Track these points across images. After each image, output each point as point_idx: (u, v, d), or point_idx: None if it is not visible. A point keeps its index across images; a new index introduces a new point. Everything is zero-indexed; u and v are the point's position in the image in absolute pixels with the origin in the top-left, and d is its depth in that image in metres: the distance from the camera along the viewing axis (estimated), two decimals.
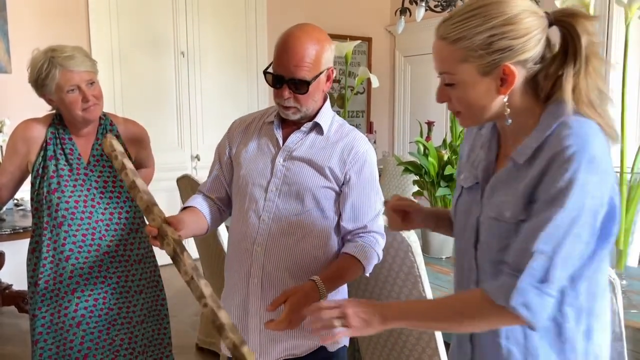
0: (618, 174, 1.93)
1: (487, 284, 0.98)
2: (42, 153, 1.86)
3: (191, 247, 4.91)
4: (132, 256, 1.97)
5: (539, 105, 1.00)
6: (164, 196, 3.58)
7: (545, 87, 0.99)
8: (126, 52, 4.47)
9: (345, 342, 1.58)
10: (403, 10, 3.23)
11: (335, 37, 4.28)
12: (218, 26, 4.93)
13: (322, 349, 1.52)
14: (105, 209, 1.90)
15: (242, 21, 5.08)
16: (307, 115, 1.51)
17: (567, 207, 0.90)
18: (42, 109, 1.99)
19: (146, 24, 4.56)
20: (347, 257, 1.47)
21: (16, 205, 3.66)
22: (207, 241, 2.60)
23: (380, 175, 4.55)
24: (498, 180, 1.04)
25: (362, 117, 6.02)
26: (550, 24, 0.97)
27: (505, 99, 0.98)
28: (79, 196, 1.87)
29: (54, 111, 1.92)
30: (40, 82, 1.79)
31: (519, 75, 0.96)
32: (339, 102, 5.45)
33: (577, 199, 0.90)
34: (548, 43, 0.98)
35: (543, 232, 0.91)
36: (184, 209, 1.56)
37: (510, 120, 1.00)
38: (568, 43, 0.97)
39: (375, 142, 5.68)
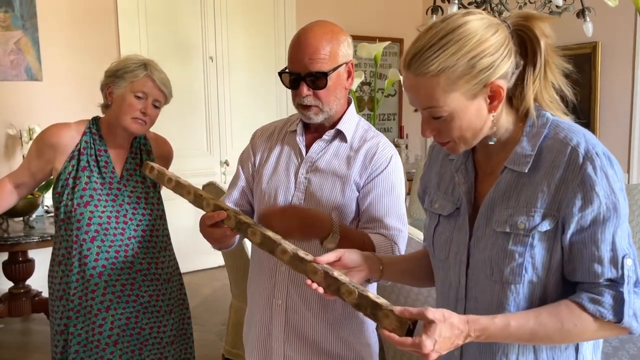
0: None
1: (584, 298, 0.93)
2: (73, 162, 1.81)
3: (219, 257, 4.83)
4: (162, 275, 1.92)
5: (517, 115, 1.01)
6: None
7: (514, 95, 0.99)
8: (155, 58, 4.36)
9: None
10: (435, 9, 3.10)
11: (365, 38, 4.17)
12: (247, 31, 4.89)
13: None
14: (137, 225, 1.85)
15: (271, 26, 5.03)
16: (330, 116, 1.41)
17: (619, 207, 0.92)
18: (73, 116, 1.95)
19: (175, 29, 4.55)
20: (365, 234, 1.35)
21: (47, 212, 3.67)
22: (233, 251, 2.54)
23: (411, 180, 4.39)
24: (496, 196, 1.00)
25: (394, 119, 5.88)
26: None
27: (493, 117, 0.97)
28: (111, 212, 1.82)
29: (87, 118, 1.89)
30: (120, 73, 1.80)
31: (505, 89, 0.96)
32: (370, 105, 5.34)
33: (619, 195, 0.92)
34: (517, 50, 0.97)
35: (617, 237, 0.92)
36: None
37: (495, 139, 1.01)
38: (527, 47, 0.96)
39: (407, 146, 5.55)
